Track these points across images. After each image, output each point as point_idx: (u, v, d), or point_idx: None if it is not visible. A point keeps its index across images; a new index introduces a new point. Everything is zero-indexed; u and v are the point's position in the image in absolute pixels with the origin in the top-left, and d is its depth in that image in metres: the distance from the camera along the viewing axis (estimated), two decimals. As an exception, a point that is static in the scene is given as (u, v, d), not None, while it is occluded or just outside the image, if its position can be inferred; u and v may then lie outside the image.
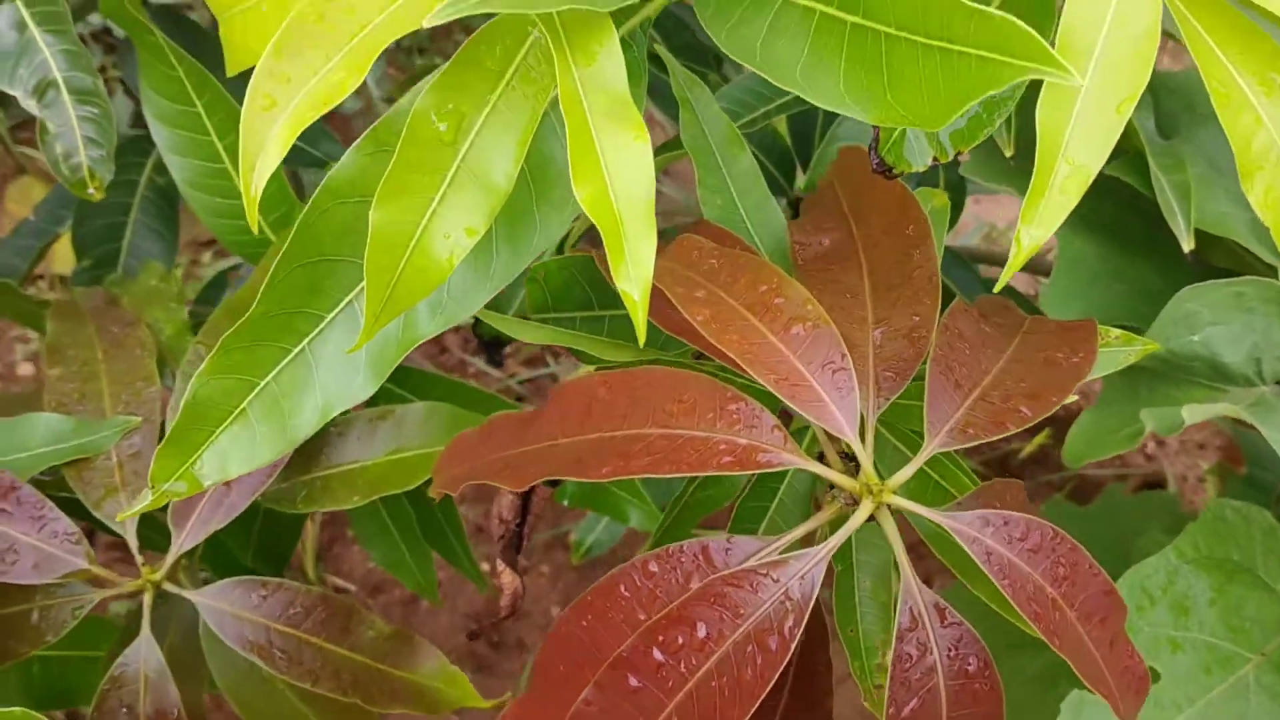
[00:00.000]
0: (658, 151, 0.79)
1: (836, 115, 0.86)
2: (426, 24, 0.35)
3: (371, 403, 0.67)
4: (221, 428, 0.49)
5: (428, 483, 0.77)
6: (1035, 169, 0.38)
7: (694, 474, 0.44)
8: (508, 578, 0.71)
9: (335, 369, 0.49)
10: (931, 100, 0.36)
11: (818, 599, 0.43)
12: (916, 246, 0.48)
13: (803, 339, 0.42)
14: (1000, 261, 1.10)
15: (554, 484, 0.72)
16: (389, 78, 1.70)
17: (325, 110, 0.38)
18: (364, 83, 0.57)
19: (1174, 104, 0.80)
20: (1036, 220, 0.38)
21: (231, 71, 0.48)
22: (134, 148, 0.91)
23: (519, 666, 1.50)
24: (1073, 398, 0.46)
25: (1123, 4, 0.38)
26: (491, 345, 1.00)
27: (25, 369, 1.70)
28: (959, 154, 0.43)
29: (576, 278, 0.58)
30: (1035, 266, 1.09)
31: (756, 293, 0.44)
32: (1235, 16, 0.40)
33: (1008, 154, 0.61)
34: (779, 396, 0.42)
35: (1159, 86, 0.81)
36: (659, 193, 1.44)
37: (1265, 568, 0.72)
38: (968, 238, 1.72)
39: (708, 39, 0.43)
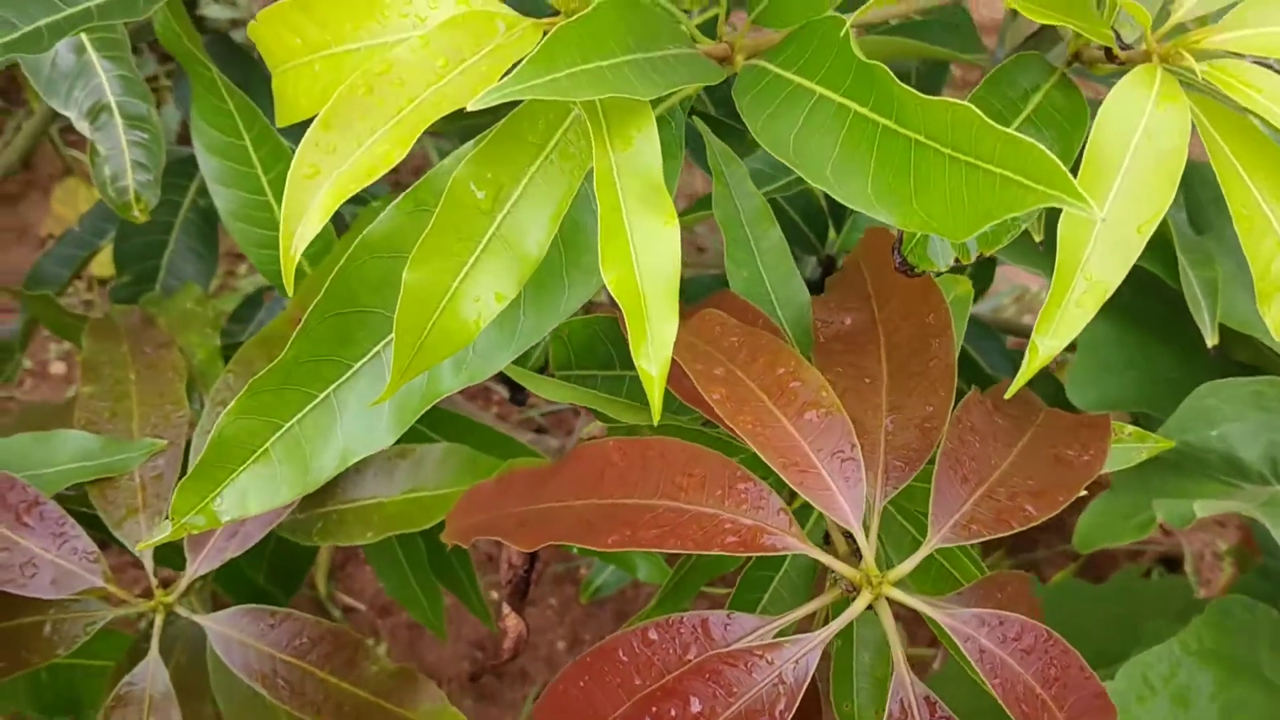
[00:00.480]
0: (689, 210, 0.81)
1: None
2: (472, 107, 0.36)
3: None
4: (244, 466, 0.50)
5: (441, 523, 0.78)
6: (1053, 282, 0.39)
7: (698, 551, 0.45)
8: (512, 622, 0.72)
9: (358, 417, 0.50)
10: (956, 212, 0.37)
11: (813, 676, 0.44)
12: (936, 336, 0.49)
13: (815, 425, 0.43)
14: (1027, 333, 1.10)
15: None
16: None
17: (368, 182, 0.39)
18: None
19: (1206, 195, 0.81)
20: (1052, 332, 0.39)
21: (281, 123, 0.49)
22: (180, 169, 0.93)
23: (520, 697, 1.50)
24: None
25: (1152, 122, 0.39)
26: (516, 385, 1.02)
27: (57, 368, 1.72)
28: (981, 255, 0.44)
29: (600, 336, 0.59)
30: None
31: (774, 375, 0.45)
32: (1264, 142, 0.41)
33: (1037, 239, 0.62)
34: (787, 482, 0.43)
35: (1192, 176, 0.82)
36: (693, 233, 1.45)
37: (1271, 666, 0.72)
38: (999, 298, 1.72)
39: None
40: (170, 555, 0.68)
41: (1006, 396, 0.43)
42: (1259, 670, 0.72)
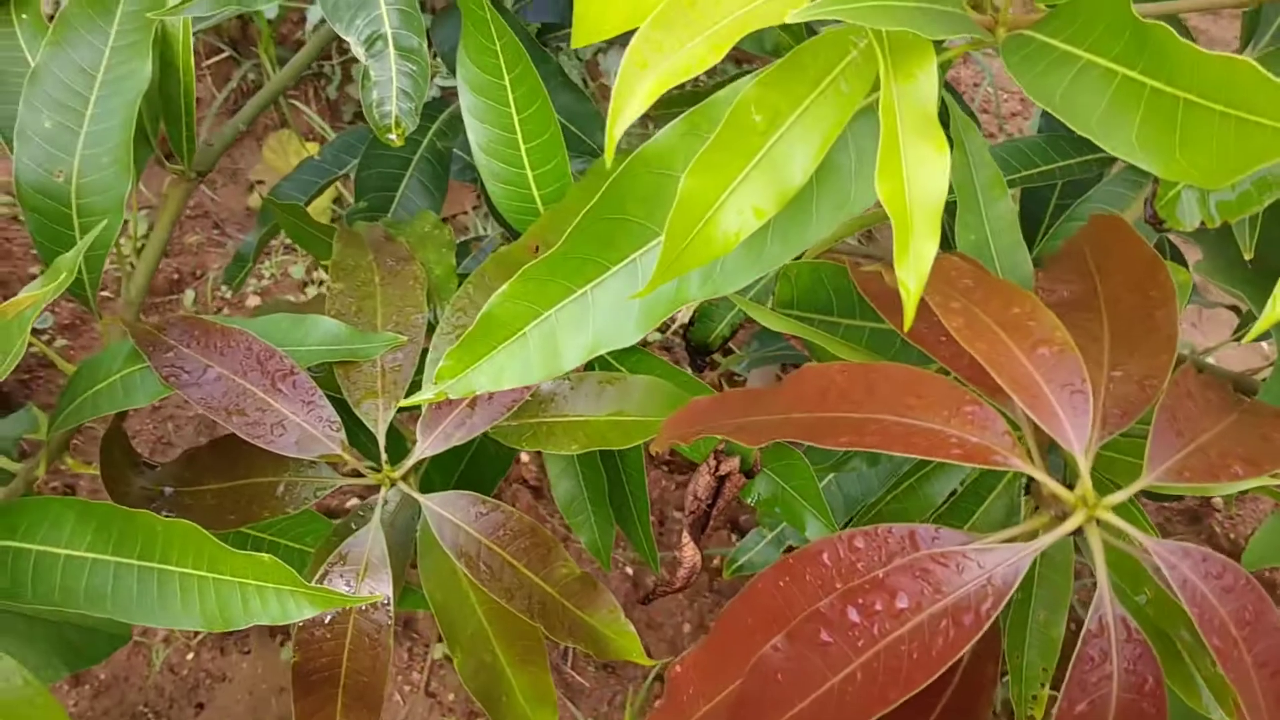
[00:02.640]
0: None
1: (1071, 200, 0.89)
2: (790, 19, 0.41)
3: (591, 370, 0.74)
4: (503, 344, 0.56)
5: (629, 452, 0.84)
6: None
7: (924, 457, 0.48)
8: (689, 550, 0.76)
9: (610, 313, 0.55)
10: (1220, 161, 0.40)
11: (995, 621, 0.47)
12: (1160, 307, 0.52)
13: (1047, 359, 0.47)
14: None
15: (750, 475, 0.77)
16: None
17: (685, 78, 0.44)
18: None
19: None
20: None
21: (577, 43, 0.55)
22: (425, 110, 1.01)
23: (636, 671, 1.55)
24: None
25: None
26: (698, 351, 1.06)
27: (252, 301, 1.84)
28: (1224, 222, 0.47)
29: (823, 281, 0.63)
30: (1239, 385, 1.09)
31: (1009, 313, 0.49)
32: None
33: (1247, 256, 0.64)
34: (1019, 403, 0.46)
35: None
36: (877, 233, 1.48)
37: None
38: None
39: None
40: (392, 444, 0.75)
41: (1254, 334, 0.45)
42: None
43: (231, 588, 0.58)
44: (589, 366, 0.77)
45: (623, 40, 0.48)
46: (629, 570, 1.64)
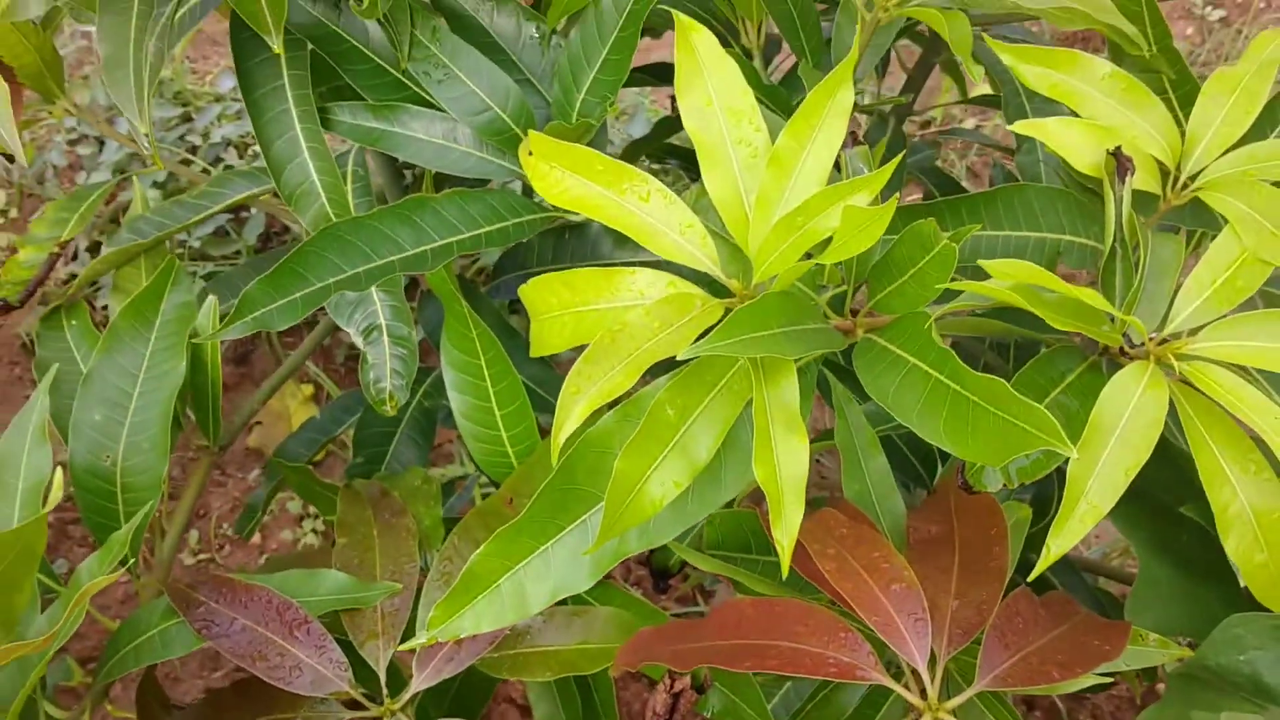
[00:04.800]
0: (817, 439, 1.00)
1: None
2: (681, 356, 0.57)
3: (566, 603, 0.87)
4: (482, 594, 0.69)
5: (601, 675, 0.95)
6: (1063, 503, 0.56)
7: (809, 676, 0.61)
8: (651, 765, 0.87)
9: (567, 565, 0.69)
10: (998, 447, 0.55)
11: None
12: (996, 544, 0.66)
13: (898, 594, 0.60)
14: (1112, 575, 1.24)
15: (700, 691, 0.89)
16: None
17: (610, 399, 0.60)
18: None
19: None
20: (1062, 536, 0.56)
21: (534, 354, 0.71)
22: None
23: None
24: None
25: (1139, 401, 0.57)
26: (660, 574, 1.20)
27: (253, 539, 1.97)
28: (1022, 484, 0.61)
29: (742, 526, 0.77)
30: (1123, 578, 1.23)
31: (871, 557, 0.63)
32: (1222, 416, 0.58)
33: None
34: (875, 631, 0.59)
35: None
36: (818, 462, 1.63)
37: None
38: (1104, 547, 1.84)
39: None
40: (391, 678, 0.87)
41: (1030, 578, 0.59)
42: None
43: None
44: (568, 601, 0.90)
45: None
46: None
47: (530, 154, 0.70)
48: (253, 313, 0.79)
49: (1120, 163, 0.65)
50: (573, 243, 1.05)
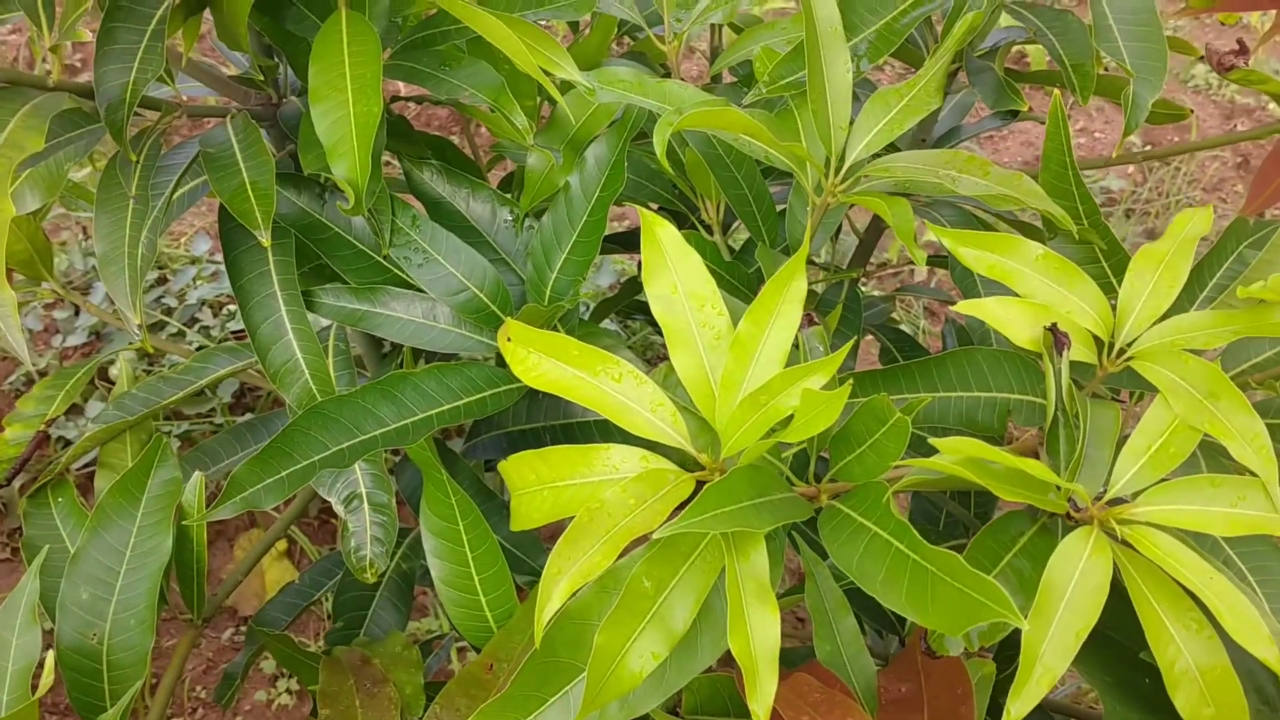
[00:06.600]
0: (792, 591, 1.03)
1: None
2: (657, 535, 0.60)
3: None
4: (468, 769, 0.71)
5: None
6: (1019, 669, 0.60)
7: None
8: None
9: (549, 738, 0.71)
10: (956, 616, 0.58)
11: None
12: (963, 703, 0.69)
13: (866, 757, 0.63)
14: (1081, 716, 1.27)
15: None
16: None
17: (590, 579, 0.63)
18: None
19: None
20: (1021, 700, 0.59)
21: (515, 528, 0.74)
22: (391, 541, 1.19)
23: None
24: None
25: (1086, 565, 0.61)
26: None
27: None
28: (982, 647, 0.65)
29: (720, 691, 0.80)
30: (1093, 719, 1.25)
31: (843, 721, 0.66)
32: (1163, 577, 0.62)
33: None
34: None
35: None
36: (799, 606, 1.65)
37: None
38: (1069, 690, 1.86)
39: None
40: None
41: None
42: None
43: None
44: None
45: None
46: None
47: (509, 340, 0.74)
48: (241, 493, 0.82)
49: (1057, 338, 0.70)
50: (545, 402, 1.09)
